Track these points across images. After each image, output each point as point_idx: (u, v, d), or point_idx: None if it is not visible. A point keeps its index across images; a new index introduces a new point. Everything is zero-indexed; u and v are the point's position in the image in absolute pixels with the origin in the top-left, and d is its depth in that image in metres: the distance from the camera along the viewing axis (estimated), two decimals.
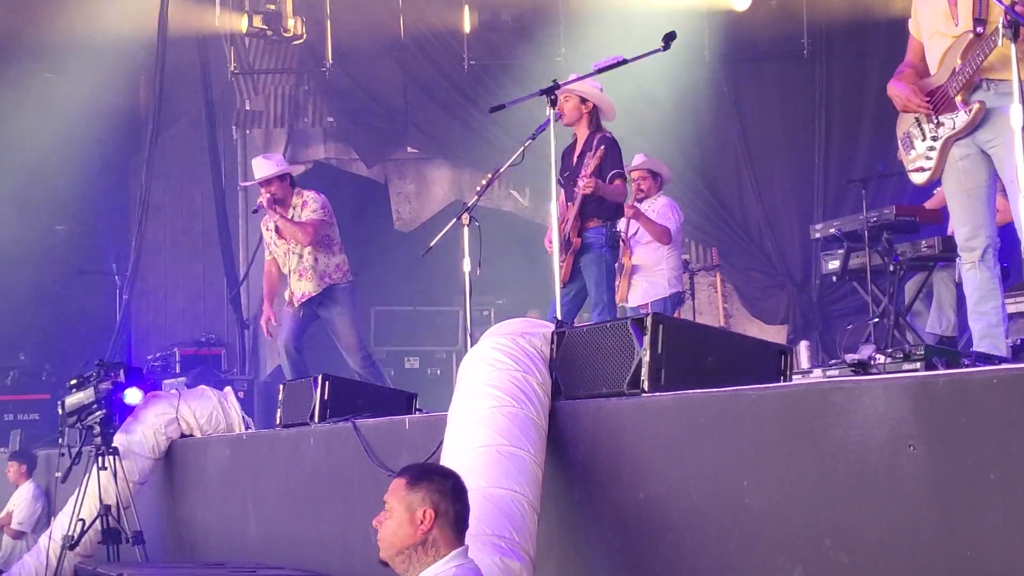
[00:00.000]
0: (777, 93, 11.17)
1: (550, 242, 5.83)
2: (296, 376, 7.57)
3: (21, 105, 14.73)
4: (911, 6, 5.06)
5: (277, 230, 8.05)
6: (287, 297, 8.10)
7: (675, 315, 8.09)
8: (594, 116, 7.08)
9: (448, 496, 3.45)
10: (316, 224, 7.92)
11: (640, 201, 8.08)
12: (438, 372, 11.81)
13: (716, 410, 3.59)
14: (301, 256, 7.94)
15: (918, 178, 5.03)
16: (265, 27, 11.44)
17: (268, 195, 7.93)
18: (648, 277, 7.92)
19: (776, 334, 10.61)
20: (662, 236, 7.79)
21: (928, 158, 4.90)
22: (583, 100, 7.02)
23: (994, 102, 4.62)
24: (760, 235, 11.03)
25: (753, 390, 3.51)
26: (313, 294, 7.93)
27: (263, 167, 8.08)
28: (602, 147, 6.83)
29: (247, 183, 8.41)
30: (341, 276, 7.99)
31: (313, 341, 8.30)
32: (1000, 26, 4.28)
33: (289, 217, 7.97)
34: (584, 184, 6.71)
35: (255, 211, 8.21)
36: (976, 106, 4.65)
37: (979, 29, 4.55)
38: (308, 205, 7.98)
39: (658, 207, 8.03)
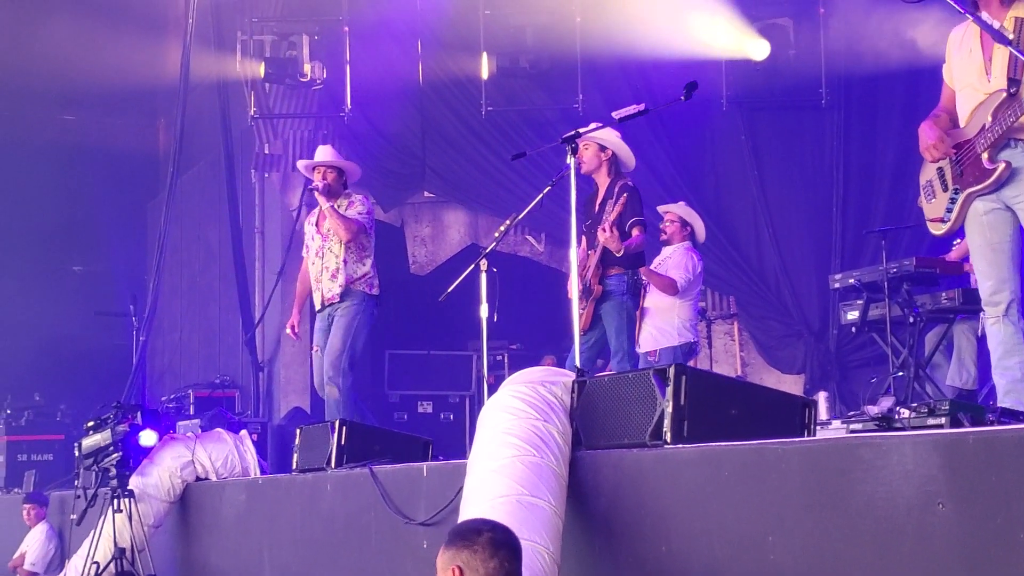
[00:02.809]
0: (795, 142, 11.18)
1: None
2: (330, 416, 7.52)
3: (40, 147, 14.88)
4: (943, 54, 5.04)
5: (317, 224, 8.01)
6: (314, 346, 8.04)
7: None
8: (613, 164, 7.11)
9: (479, 552, 3.42)
10: (358, 224, 7.82)
11: (663, 244, 8.06)
12: (451, 417, 11.76)
13: (740, 463, 3.56)
14: (336, 255, 7.79)
15: (936, 229, 5.00)
16: (272, 71, 11.49)
17: (324, 182, 7.87)
18: (657, 324, 7.73)
19: (793, 384, 10.56)
20: (667, 288, 7.67)
21: (948, 210, 4.88)
22: (602, 148, 7.05)
23: (1021, 161, 4.59)
24: (777, 284, 11.01)
25: (778, 444, 3.49)
26: (339, 294, 7.74)
27: (327, 152, 8.15)
28: (625, 195, 6.84)
29: (305, 161, 8.34)
30: (365, 285, 7.82)
31: None
32: None
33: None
34: (604, 239, 6.70)
35: (309, 188, 7.99)
36: (1001, 166, 4.62)
37: (1012, 89, 4.53)
38: (355, 205, 7.89)
39: (677, 253, 7.97)
